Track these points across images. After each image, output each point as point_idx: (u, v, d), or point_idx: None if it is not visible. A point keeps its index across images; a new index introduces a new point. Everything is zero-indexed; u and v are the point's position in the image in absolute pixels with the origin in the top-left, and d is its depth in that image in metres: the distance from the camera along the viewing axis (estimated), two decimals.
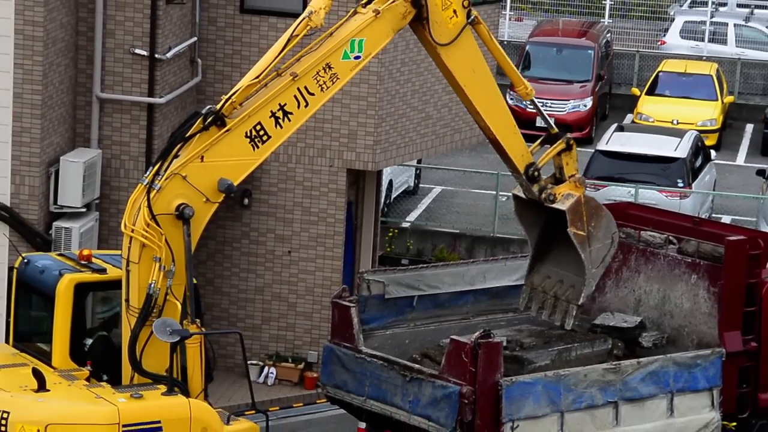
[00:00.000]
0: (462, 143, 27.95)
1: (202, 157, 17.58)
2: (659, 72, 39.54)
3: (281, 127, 17.86)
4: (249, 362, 25.26)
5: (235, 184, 17.81)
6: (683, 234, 21.95)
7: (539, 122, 37.33)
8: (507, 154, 20.22)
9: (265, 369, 25.46)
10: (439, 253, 30.62)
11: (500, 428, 18.92)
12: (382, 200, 29.55)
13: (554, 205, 19.80)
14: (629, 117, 38.85)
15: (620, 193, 29.39)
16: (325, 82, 18.09)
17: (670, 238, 21.73)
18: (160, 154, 18.07)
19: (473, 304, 22.05)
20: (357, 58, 18.31)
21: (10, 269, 20.31)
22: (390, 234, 30.83)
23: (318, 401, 23.84)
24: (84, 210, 23.02)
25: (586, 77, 38.60)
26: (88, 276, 18.06)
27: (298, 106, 17.92)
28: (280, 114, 17.79)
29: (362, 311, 20.60)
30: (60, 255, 19.02)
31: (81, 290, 18.00)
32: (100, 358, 18.19)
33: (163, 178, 17.48)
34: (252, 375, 25.25)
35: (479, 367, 18.89)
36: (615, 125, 34.20)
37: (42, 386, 17.28)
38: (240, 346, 19.41)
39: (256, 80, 17.71)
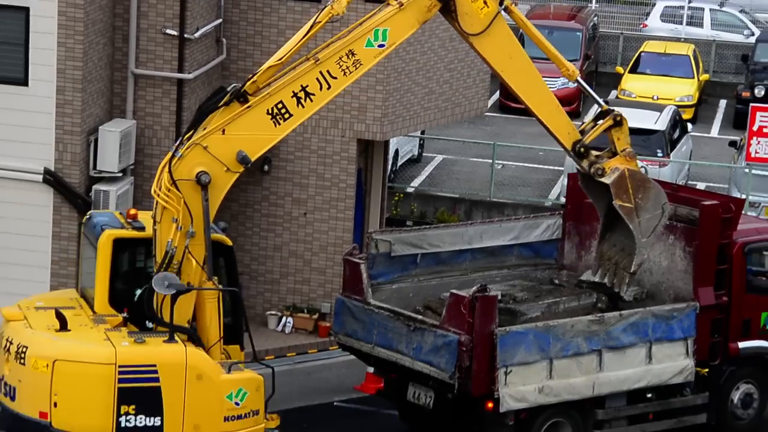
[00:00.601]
0: (462, 116, 27.96)
1: (224, 130, 17.59)
2: (641, 52, 39.43)
3: (303, 106, 17.74)
4: (268, 313, 25.50)
5: (256, 156, 17.70)
6: None
7: None
8: (553, 133, 19.56)
9: (283, 319, 25.50)
10: (441, 215, 30.62)
11: (495, 373, 19.07)
12: (389, 167, 29.51)
13: (601, 179, 19.40)
14: (614, 93, 38.77)
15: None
16: (348, 67, 17.88)
17: None
18: (189, 125, 18.16)
19: (471, 262, 22.15)
20: (381, 46, 18.01)
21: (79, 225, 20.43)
22: (396, 198, 30.84)
23: (331, 348, 23.90)
24: (120, 175, 23.03)
25: (575, 56, 38.43)
26: (126, 232, 18.06)
27: (321, 88, 17.79)
28: (302, 95, 17.69)
29: (371, 267, 20.74)
30: (120, 214, 18.99)
31: (119, 244, 18.02)
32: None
33: (185, 148, 17.56)
34: (271, 324, 25.40)
35: (476, 318, 19.03)
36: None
37: (63, 327, 17.43)
38: (257, 299, 19.39)
39: (279, 62, 17.68)
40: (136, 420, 17.15)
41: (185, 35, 23.61)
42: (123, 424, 17.11)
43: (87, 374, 17.10)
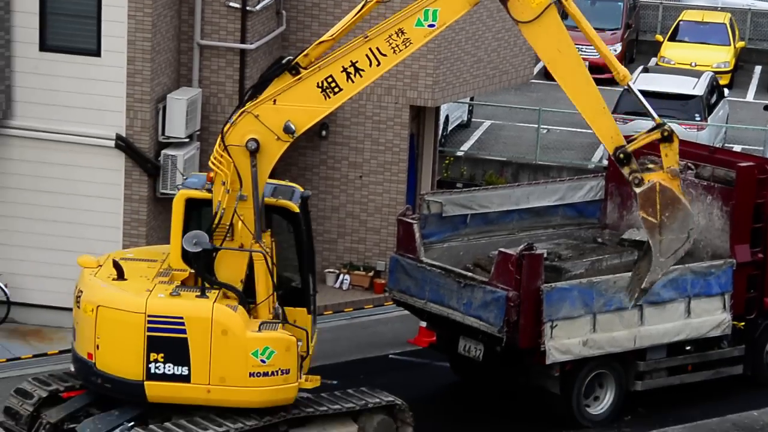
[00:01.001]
0: (509, 83, 27.89)
1: (275, 101, 17.46)
2: (680, 21, 39.16)
3: (352, 81, 17.37)
4: (327, 270, 25.55)
5: (304, 128, 17.46)
6: (700, 161, 21.95)
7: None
8: (597, 134, 18.27)
9: (341, 276, 25.59)
10: (489, 177, 30.61)
11: (541, 327, 19.11)
12: (440, 132, 29.54)
13: (633, 188, 17.92)
14: (653, 60, 38.51)
15: (645, 126, 29.17)
16: (398, 45, 17.32)
17: (689, 164, 21.71)
18: (246, 94, 18.10)
19: (518, 222, 22.15)
20: (431, 26, 17.31)
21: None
22: (447, 161, 30.85)
23: (385, 303, 23.89)
24: (187, 140, 23.12)
25: (616, 26, 38.31)
26: (198, 193, 17.95)
27: (370, 65, 17.35)
28: (351, 70, 17.34)
29: (423, 227, 20.76)
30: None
31: (191, 204, 17.94)
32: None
33: (237, 115, 17.54)
34: (329, 281, 25.48)
35: (523, 275, 19.06)
36: (641, 67, 34.00)
37: (120, 276, 17.58)
38: (316, 258, 19.21)
39: (331, 38, 17.46)
40: (164, 368, 17.28)
41: (247, 8, 23.62)
42: (152, 371, 17.28)
43: (121, 321, 17.30)
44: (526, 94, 34.95)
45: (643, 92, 30.64)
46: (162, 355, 17.27)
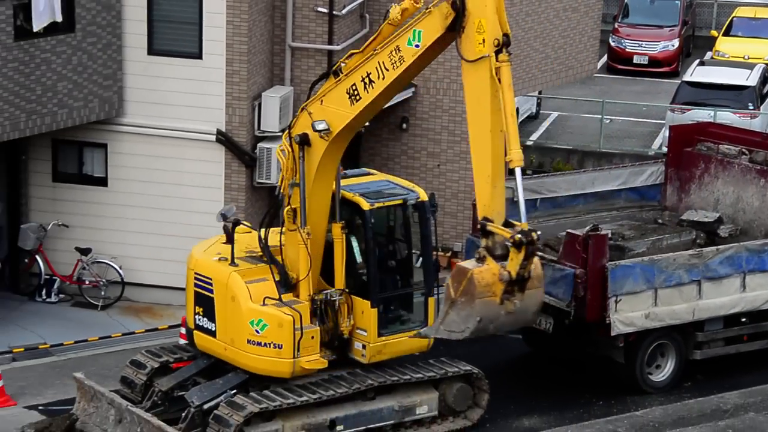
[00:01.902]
0: (574, 77, 27.85)
1: (322, 101, 17.61)
2: (733, 17, 38.74)
3: (367, 91, 17.22)
4: None
5: (336, 130, 17.38)
6: (753, 147, 21.85)
7: (636, 60, 37.25)
8: (476, 194, 16.65)
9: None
10: (556, 165, 30.54)
11: (606, 302, 19.10)
12: None
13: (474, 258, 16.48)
14: (709, 54, 38.16)
15: (702, 115, 29.06)
16: (395, 62, 16.95)
17: (743, 150, 21.64)
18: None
19: (584, 205, 22.14)
20: (417, 46, 16.75)
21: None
22: None
23: None
24: (280, 134, 23.19)
25: (674, 23, 37.99)
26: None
27: (378, 77, 17.13)
28: (367, 80, 17.24)
29: None
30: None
31: None
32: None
33: (299, 111, 17.82)
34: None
35: (590, 254, 19.05)
36: (697, 61, 33.68)
37: (228, 240, 18.06)
38: None
39: (360, 51, 17.37)
40: (202, 320, 18.00)
41: (334, 12, 23.72)
42: (197, 322, 18.09)
43: (186, 276, 18.31)
44: (591, 87, 34.80)
45: (699, 84, 30.99)
46: (201, 309, 18.01)
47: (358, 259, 18.10)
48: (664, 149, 27.46)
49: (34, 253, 22.95)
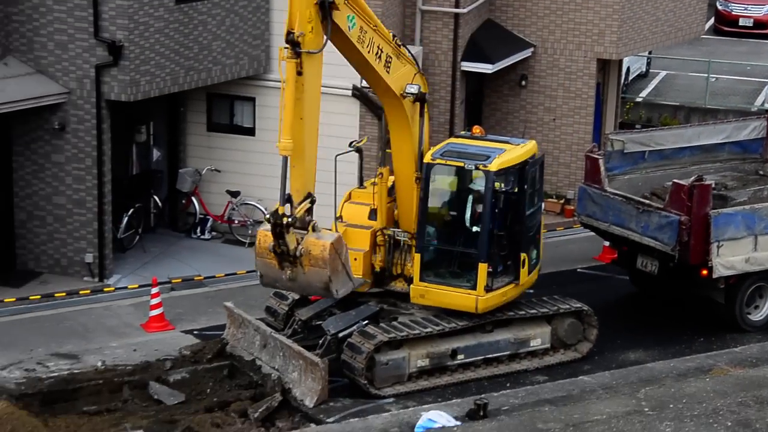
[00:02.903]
0: (683, 38, 27.44)
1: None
2: None
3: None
4: None
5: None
6: None
7: (742, 22, 36.48)
8: (294, 172, 15.96)
9: None
10: (664, 120, 30.23)
11: (709, 247, 18.94)
12: (622, 81, 29.30)
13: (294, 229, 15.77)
14: None
15: None
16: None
17: None
18: None
19: (690, 157, 21.86)
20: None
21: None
22: (627, 106, 30.56)
23: (574, 226, 23.80)
24: None
25: None
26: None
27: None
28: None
29: (607, 162, 20.62)
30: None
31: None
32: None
33: None
34: None
35: (694, 202, 18.86)
36: None
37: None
38: None
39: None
40: None
41: None
42: None
43: None
44: (698, 48, 34.27)
45: None
46: None
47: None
48: (767, 106, 27.01)
49: (190, 195, 23.48)
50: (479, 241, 17.47)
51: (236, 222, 23.31)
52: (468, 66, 24.45)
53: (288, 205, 15.75)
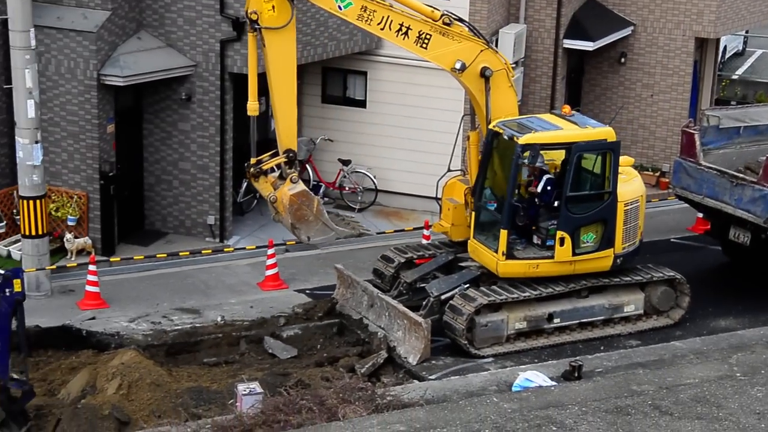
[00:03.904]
0: None
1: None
2: None
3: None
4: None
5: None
6: None
7: None
8: (279, 126, 16.40)
9: None
10: (759, 97, 29.48)
11: None
12: (719, 59, 28.61)
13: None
14: None
15: None
16: None
17: None
18: None
19: None
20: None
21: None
22: (723, 83, 29.88)
23: (669, 198, 23.46)
24: (513, 66, 23.07)
25: None
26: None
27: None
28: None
29: (702, 136, 20.26)
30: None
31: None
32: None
33: None
34: None
35: None
36: None
37: None
38: None
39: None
40: None
41: None
42: None
43: None
44: None
45: None
46: None
47: None
48: None
49: (304, 163, 23.55)
50: (504, 209, 17.24)
51: (347, 189, 23.37)
52: (570, 43, 24.10)
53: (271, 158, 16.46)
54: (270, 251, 19.76)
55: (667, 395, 12.79)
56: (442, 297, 17.52)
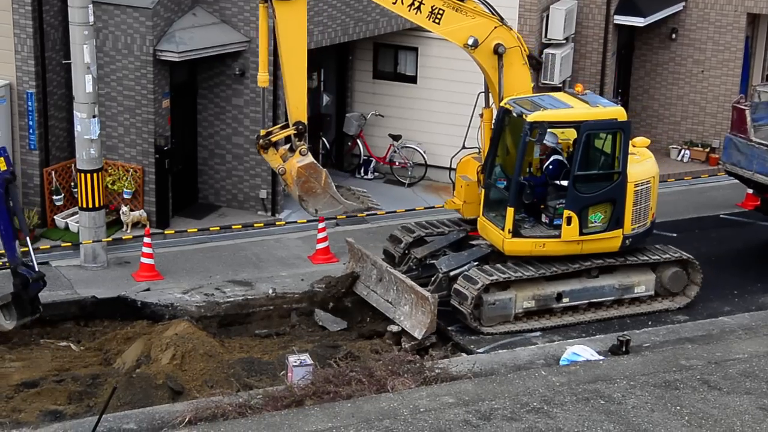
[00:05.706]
0: None
1: None
2: None
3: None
4: (671, 146, 25.00)
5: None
6: None
7: None
8: (289, 98, 16.07)
9: (682, 151, 25.02)
10: None
11: None
12: None
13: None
14: None
15: None
16: None
17: None
18: None
19: None
20: None
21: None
22: None
23: (718, 173, 23.17)
24: (564, 41, 23.02)
25: None
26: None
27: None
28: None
29: (753, 112, 19.96)
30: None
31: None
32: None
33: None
34: (672, 155, 25.00)
35: None
36: None
37: None
38: (662, 136, 18.58)
39: None
40: None
41: None
42: None
43: None
44: None
45: None
46: None
47: None
48: None
49: (355, 138, 23.53)
50: (511, 186, 16.94)
51: (397, 163, 23.30)
52: (620, 19, 23.78)
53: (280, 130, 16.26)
54: (321, 225, 19.74)
55: (716, 370, 12.65)
56: (451, 273, 17.21)
